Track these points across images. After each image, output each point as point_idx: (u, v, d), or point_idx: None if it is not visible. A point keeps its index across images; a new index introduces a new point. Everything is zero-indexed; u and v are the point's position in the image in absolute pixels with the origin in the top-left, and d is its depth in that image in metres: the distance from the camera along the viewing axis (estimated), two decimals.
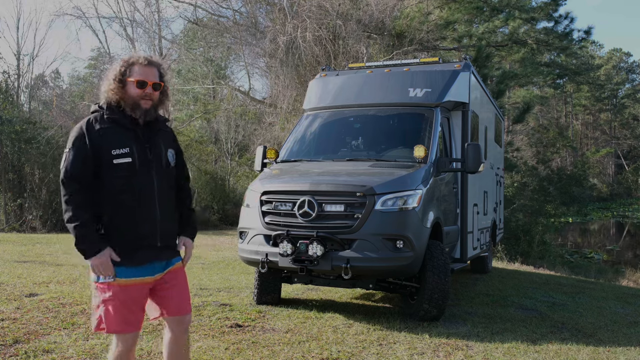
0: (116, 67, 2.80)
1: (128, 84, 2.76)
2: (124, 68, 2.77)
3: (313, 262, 5.24)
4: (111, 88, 2.77)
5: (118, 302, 2.71)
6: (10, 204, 17.28)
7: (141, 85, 2.75)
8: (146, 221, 2.76)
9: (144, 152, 2.77)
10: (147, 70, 2.78)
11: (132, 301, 2.75)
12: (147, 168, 2.77)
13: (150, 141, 2.82)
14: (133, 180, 2.72)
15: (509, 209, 17.10)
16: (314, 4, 15.80)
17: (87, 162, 2.68)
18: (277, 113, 17.67)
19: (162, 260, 2.85)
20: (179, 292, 2.91)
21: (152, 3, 22.17)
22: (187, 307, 2.93)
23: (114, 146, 2.71)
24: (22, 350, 4.14)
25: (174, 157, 2.94)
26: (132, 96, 2.76)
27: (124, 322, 2.73)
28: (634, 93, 59.36)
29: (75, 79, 39.43)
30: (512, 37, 19.37)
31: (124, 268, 2.72)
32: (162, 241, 2.83)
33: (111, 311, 2.70)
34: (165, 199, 2.86)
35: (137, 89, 2.75)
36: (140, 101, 2.77)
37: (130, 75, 2.76)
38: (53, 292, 6.31)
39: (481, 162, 6.13)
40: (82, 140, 2.70)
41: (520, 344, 4.93)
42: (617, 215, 40.60)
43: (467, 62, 7.13)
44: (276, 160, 6.64)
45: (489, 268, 9.83)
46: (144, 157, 2.77)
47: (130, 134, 2.77)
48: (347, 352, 4.49)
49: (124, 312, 2.72)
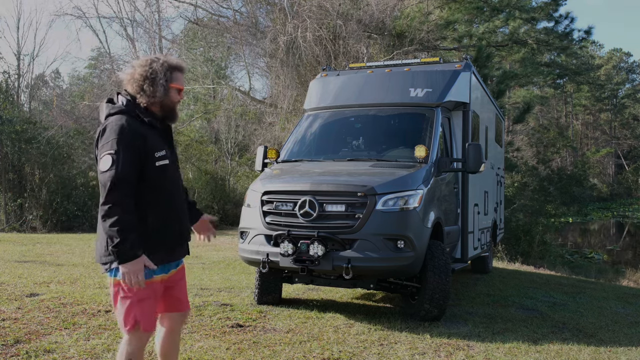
0: (157, 67, 2.73)
1: (170, 91, 2.78)
2: (168, 72, 2.75)
3: (314, 262, 5.24)
4: (153, 91, 2.72)
5: (152, 300, 2.77)
6: (11, 204, 17.28)
7: (179, 92, 2.84)
8: (182, 219, 2.90)
9: (171, 154, 2.86)
10: (183, 78, 2.87)
11: (156, 299, 2.82)
12: (174, 169, 2.88)
13: (170, 143, 2.91)
14: (170, 181, 2.82)
15: (510, 209, 17.11)
16: (314, 4, 15.80)
17: (136, 164, 2.62)
18: (278, 113, 17.67)
19: (182, 257, 2.98)
20: (183, 290, 3.02)
21: (152, 3, 22.19)
22: (188, 304, 3.06)
23: (157, 149, 2.72)
24: (23, 350, 4.14)
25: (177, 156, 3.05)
26: (171, 102, 2.81)
27: (153, 319, 2.83)
28: (634, 93, 59.36)
29: (75, 79, 39.43)
30: (513, 37, 19.37)
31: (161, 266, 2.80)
32: (186, 239, 2.97)
33: (146, 310, 2.74)
34: (184, 199, 3.00)
35: (177, 96, 2.83)
36: (176, 107, 2.86)
37: (172, 81, 2.77)
38: (54, 292, 6.31)
39: (482, 162, 6.14)
40: (129, 141, 2.60)
41: (521, 344, 4.93)
42: (617, 215, 40.59)
43: (468, 62, 7.13)
44: (277, 161, 6.64)
45: (489, 268, 9.83)
46: (172, 159, 2.86)
47: (161, 135, 2.83)
48: (349, 352, 4.49)
49: (152, 310, 2.79)
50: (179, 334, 3.09)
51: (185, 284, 3.05)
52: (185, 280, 3.08)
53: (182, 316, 3.03)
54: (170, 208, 2.81)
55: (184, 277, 3.05)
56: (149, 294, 2.72)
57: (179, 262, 2.99)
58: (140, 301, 2.71)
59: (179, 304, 2.98)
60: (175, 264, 2.94)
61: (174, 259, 2.89)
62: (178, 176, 2.92)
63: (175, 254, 2.90)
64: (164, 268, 2.83)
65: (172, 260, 2.87)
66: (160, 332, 3.01)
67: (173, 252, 2.87)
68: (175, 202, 2.85)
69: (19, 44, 27.25)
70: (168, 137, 2.89)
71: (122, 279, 2.61)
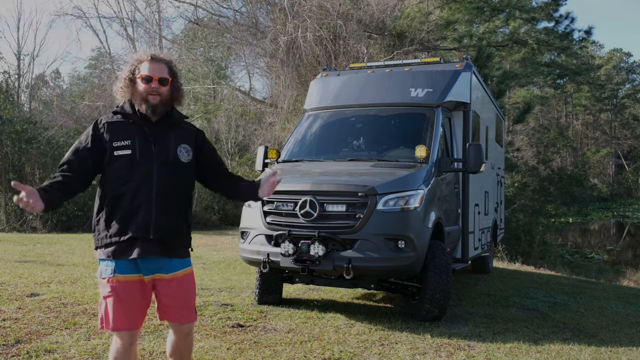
0: (128, 66, 2.90)
1: (137, 82, 2.85)
2: (134, 67, 2.87)
3: (315, 262, 5.24)
4: (121, 87, 2.88)
5: (116, 298, 2.74)
6: (11, 203, 17.28)
7: (147, 81, 2.82)
8: (142, 212, 2.77)
9: (146, 146, 2.81)
10: (154, 66, 2.85)
11: (131, 298, 2.77)
12: (148, 161, 2.80)
13: (157, 136, 2.85)
14: (132, 172, 2.78)
15: (510, 209, 17.11)
16: (314, 4, 15.80)
17: (78, 153, 2.83)
18: (278, 113, 17.67)
19: (158, 254, 2.80)
20: (179, 302, 2.89)
21: (152, 3, 22.21)
22: (188, 317, 2.92)
23: (116, 139, 2.80)
24: (24, 350, 4.14)
25: (189, 154, 2.92)
26: (140, 92, 2.84)
27: (121, 318, 2.75)
28: (634, 93, 59.32)
29: (75, 79, 39.46)
30: (513, 37, 19.36)
31: (123, 262, 2.77)
32: (156, 234, 2.78)
33: (110, 307, 2.75)
34: (169, 193, 2.84)
35: (144, 85, 2.82)
36: (148, 96, 2.82)
37: (139, 72, 2.85)
38: (54, 292, 6.31)
39: (482, 162, 6.13)
40: (86, 134, 2.87)
41: (522, 344, 4.93)
42: (617, 216, 40.57)
43: (469, 62, 7.12)
44: (277, 161, 6.64)
45: (490, 268, 9.83)
46: (146, 151, 2.80)
47: (135, 128, 2.84)
48: (349, 352, 4.49)
49: (121, 309, 2.75)
50: (186, 343, 2.96)
51: (187, 297, 2.91)
52: (191, 293, 2.94)
53: (180, 328, 2.90)
54: (128, 199, 2.75)
55: (187, 289, 2.92)
56: (114, 291, 2.74)
57: (171, 265, 2.85)
58: (105, 298, 2.77)
59: (176, 316, 2.88)
60: (158, 264, 2.81)
61: (129, 256, 2.74)
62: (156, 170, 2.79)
63: (132, 251, 2.74)
64: (138, 267, 2.77)
65: (129, 257, 2.74)
66: (169, 337, 3.00)
67: (128, 248, 2.74)
68: (138, 194, 2.75)
69: (19, 44, 27.29)
70: (155, 131, 2.84)
71: (20, 202, 2.61)
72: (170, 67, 2.90)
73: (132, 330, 2.79)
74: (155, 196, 2.79)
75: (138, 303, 2.81)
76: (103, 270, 2.80)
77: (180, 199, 2.92)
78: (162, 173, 2.82)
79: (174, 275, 2.86)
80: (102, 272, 2.79)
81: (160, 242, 2.80)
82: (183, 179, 2.92)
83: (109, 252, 2.78)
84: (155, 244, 2.79)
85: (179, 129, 2.96)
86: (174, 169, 2.87)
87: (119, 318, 2.75)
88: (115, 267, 2.76)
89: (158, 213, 2.79)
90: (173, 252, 2.87)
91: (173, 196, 2.87)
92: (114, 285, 2.75)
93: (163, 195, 2.81)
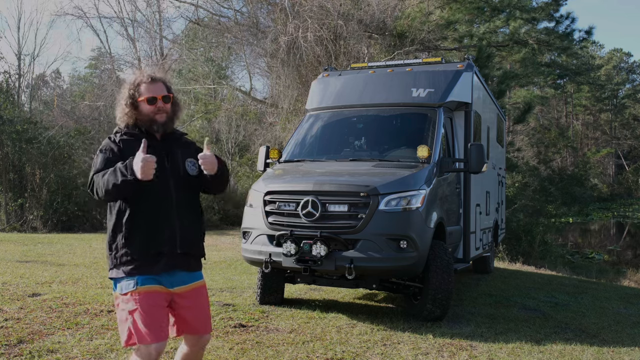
0: (125, 91, 2.91)
1: (140, 104, 2.87)
2: (132, 91, 2.88)
3: (317, 262, 5.24)
4: (126, 113, 2.89)
5: (143, 310, 2.70)
6: (11, 203, 17.26)
7: (152, 102, 2.86)
8: (166, 227, 2.81)
9: (161, 161, 2.81)
10: (154, 87, 2.89)
11: (157, 308, 2.75)
12: (165, 176, 2.82)
13: (168, 151, 2.89)
14: (151, 187, 2.76)
15: (510, 209, 17.10)
16: (315, 4, 15.79)
17: (109, 160, 2.79)
18: (278, 113, 17.66)
19: (184, 269, 2.87)
20: (199, 313, 2.92)
21: (153, 3, 22.18)
22: (206, 328, 2.95)
23: (132, 155, 2.73)
24: (27, 350, 4.14)
25: (195, 167, 2.94)
26: (146, 114, 2.86)
27: (153, 331, 2.68)
28: (634, 93, 59.28)
29: (75, 79, 39.41)
30: (513, 37, 19.34)
31: (146, 276, 2.75)
32: (182, 247, 2.85)
33: (138, 321, 2.68)
34: (186, 207, 2.90)
35: (149, 106, 2.85)
36: (155, 116, 2.87)
37: (140, 95, 2.87)
38: (56, 292, 6.30)
39: (484, 162, 6.13)
40: (109, 146, 2.85)
41: (524, 344, 4.93)
42: (617, 216, 40.50)
43: (470, 62, 7.12)
44: (279, 161, 6.64)
45: (491, 268, 9.83)
46: (162, 166, 2.81)
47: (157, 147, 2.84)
48: (352, 352, 4.49)
49: (150, 321, 2.70)
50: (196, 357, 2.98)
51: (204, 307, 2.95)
52: (207, 303, 2.98)
53: (199, 339, 2.92)
54: (150, 215, 2.77)
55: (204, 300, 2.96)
56: (135, 307, 2.70)
57: (192, 277, 2.90)
58: (132, 312, 2.70)
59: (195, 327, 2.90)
60: (183, 278, 2.85)
61: (155, 272, 2.77)
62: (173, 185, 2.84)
63: (158, 266, 2.78)
64: (161, 280, 2.78)
65: (155, 273, 2.76)
66: (181, 348, 2.99)
67: (154, 263, 2.77)
68: (161, 209, 2.79)
69: (20, 44, 27.31)
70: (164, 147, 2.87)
71: (143, 170, 2.60)
72: (166, 84, 2.94)
73: (161, 342, 2.72)
74: (177, 210, 2.84)
75: (164, 310, 2.80)
76: (124, 286, 2.75)
77: (196, 211, 2.98)
78: (178, 187, 2.87)
79: (193, 286, 2.91)
80: (123, 288, 2.74)
81: (185, 255, 2.88)
82: (195, 191, 3.00)
83: (131, 269, 2.74)
84: (181, 257, 2.85)
85: (182, 144, 3.01)
86: (187, 183, 2.92)
87: (150, 330, 2.68)
88: (138, 280, 2.74)
89: (181, 226, 2.85)
90: (194, 264, 2.94)
91: (191, 209, 2.94)
92: (138, 299, 2.71)
93: (183, 209, 2.88)
